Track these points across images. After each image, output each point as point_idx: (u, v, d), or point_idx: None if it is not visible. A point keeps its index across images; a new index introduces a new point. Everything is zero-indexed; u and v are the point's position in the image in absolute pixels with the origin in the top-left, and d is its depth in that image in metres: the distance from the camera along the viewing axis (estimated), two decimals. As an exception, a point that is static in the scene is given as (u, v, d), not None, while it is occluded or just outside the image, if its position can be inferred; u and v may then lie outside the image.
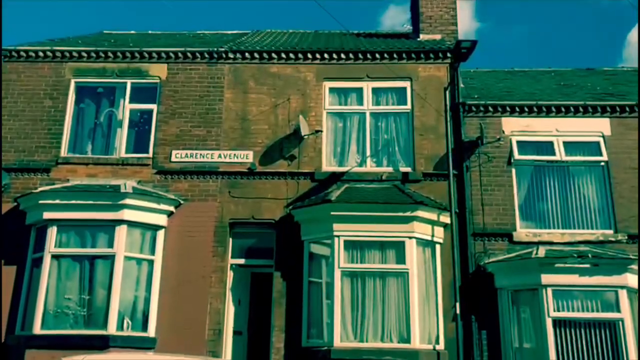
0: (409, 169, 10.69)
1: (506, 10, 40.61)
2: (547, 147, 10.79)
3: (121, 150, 10.92)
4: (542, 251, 9.77)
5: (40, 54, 11.40)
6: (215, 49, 11.39)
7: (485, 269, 9.97)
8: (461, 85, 11.32)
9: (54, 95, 11.19)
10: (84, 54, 11.39)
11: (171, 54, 11.36)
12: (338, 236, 9.68)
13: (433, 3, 12.57)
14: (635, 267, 9.35)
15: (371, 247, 9.75)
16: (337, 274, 9.54)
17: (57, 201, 9.96)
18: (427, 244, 9.95)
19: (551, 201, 10.61)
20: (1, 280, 9.89)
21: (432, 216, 9.94)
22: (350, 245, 9.71)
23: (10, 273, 10.04)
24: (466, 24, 41.25)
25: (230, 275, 10.36)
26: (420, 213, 9.77)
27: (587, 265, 9.36)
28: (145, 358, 8.01)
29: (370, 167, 10.83)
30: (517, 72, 14.24)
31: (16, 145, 10.86)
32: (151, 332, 9.77)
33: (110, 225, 9.90)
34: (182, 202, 10.47)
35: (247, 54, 11.40)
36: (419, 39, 12.37)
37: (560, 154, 10.68)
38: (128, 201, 9.93)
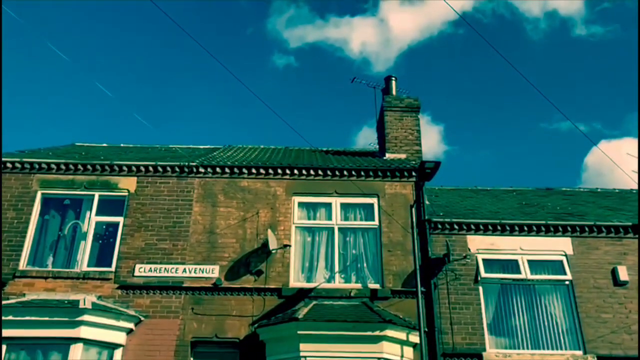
0: (377, 286, 10.61)
1: (472, 136, 43.08)
2: (512, 266, 10.92)
3: (83, 264, 10.62)
4: (513, 373, 9.56)
5: (9, 165, 11.35)
6: (186, 164, 11.54)
7: (457, 392, 9.64)
8: (426, 202, 11.60)
9: (18, 207, 11.01)
10: (53, 166, 11.39)
11: (141, 168, 11.45)
12: (305, 357, 9.31)
13: (398, 125, 13.18)
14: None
15: (339, 369, 9.38)
16: (303, 398, 9.08)
17: (10, 317, 9.44)
18: (396, 366, 9.63)
19: (520, 320, 10.56)
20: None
21: (402, 336, 9.72)
22: (317, 366, 9.34)
23: (-51, 397, 9.28)
24: (435, 147, 43.55)
25: (189, 399, 9.76)
26: (390, 332, 9.56)
27: (559, 389, 9.14)
28: None
29: (338, 283, 10.72)
30: (480, 191, 14.71)
31: (-28, 257, 10.47)
32: None
33: (65, 344, 9.37)
34: (142, 318, 10.06)
35: (217, 169, 11.58)
36: (385, 158, 12.79)
37: (525, 273, 10.80)
38: (86, 317, 9.50)
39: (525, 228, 11.16)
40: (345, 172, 11.63)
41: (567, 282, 10.79)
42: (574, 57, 43.25)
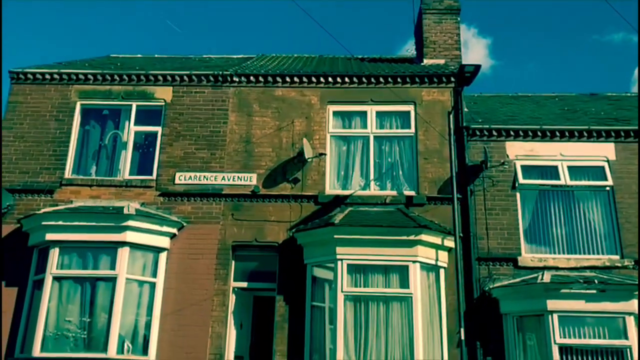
0: (413, 193, 10.65)
1: (520, 50, 41.18)
2: (551, 172, 10.75)
3: (125, 172, 10.94)
4: (547, 276, 9.66)
5: (47, 76, 11.51)
6: (221, 73, 11.47)
7: (490, 294, 9.86)
8: (465, 109, 11.34)
9: (59, 117, 11.26)
10: (90, 77, 11.49)
11: (177, 77, 11.45)
12: (341, 260, 9.59)
13: (437, 28, 12.69)
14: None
15: (375, 271, 9.64)
16: (340, 298, 9.43)
17: (60, 222, 9.93)
18: (431, 269, 9.85)
19: (556, 226, 10.53)
20: (1, 302, 9.81)
21: (437, 240, 9.86)
22: (353, 269, 9.62)
23: (11, 295, 9.97)
24: (481, 61, 41.71)
25: (232, 298, 10.26)
26: (424, 237, 9.70)
27: (594, 291, 9.23)
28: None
29: (374, 190, 10.80)
30: (521, 97, 14.26)
31: (20, 167, 10.89)
32: (152, 355, 9.65)
33: (112, 247, 9.85)
34: (185, 224, 10.44)
35: (252, 78, 11.48)
36: (422, 64, 12.44)
37: (564, 179, 10.64)
38: (131, 223, 9.90)
39: (567, 134, 10.87)
40: (381, 79, 11.39)
41: (607, 188, 10.60)
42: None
